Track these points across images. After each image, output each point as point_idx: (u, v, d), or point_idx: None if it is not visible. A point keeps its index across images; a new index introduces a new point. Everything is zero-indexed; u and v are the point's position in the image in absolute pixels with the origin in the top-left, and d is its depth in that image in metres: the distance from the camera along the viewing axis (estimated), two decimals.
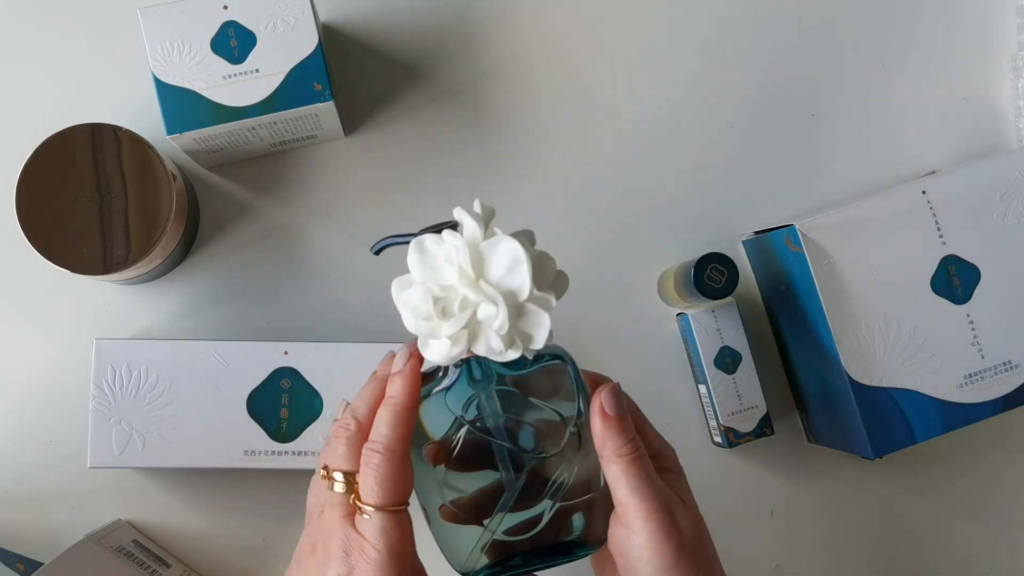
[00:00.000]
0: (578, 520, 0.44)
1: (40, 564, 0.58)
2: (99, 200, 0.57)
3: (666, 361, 0.66)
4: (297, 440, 0.59)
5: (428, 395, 0.44)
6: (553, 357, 0.44)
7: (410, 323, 0.41)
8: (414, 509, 0.44)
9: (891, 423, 0.59)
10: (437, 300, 0.40)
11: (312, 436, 0.59)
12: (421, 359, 0.43)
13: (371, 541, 0.41)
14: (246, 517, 0.64)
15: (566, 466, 0.44)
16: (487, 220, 0.41)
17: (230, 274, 0.65)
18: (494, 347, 0.40)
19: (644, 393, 0.49)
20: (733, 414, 0.63)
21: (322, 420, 0.60)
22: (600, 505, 0.45)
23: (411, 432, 0.43)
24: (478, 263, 0.40)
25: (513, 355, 0.41)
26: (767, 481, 0.66)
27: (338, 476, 0.43)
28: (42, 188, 0.57)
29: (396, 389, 0.43)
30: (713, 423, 0.65)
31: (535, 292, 0.40)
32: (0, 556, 0.60)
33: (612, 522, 0.44)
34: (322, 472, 0.44)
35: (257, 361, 0.60)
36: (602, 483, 0.44)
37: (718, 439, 0.64)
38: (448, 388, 0.43)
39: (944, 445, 0.66)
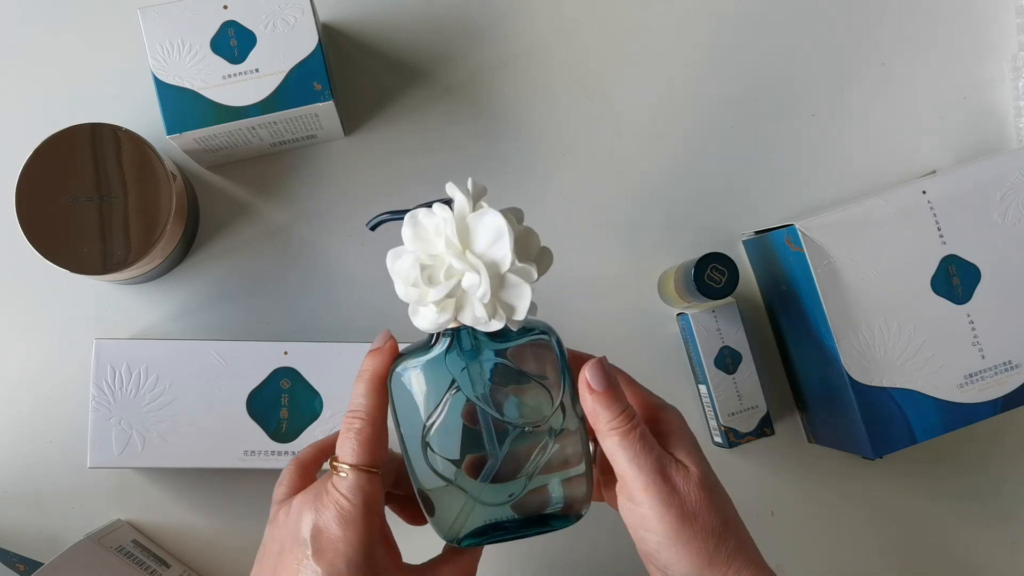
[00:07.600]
0: (556, 492, 0.45)
1: (40, 564, 0.58)
2: (99, 200, 0.57)
3: (666, 361, 0.66)
4: (297, 440, 0.59)
5: (419, 364, 0.45)
6: (539, 332, 0.45)
7: (401, 290, 0.43)
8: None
9: (891, 423, 0.59)
10: (424, 268, 0.42)
11: (312, 436, 0.59)
12: (396, 346, 0.46)
13: (345, 495, 0.43)
14: (246, 517, 0.64)
15: (548, 438, 0.45)
16: (477, 196, 0.44)
17: (230, 274, 0.65)
18: (478, 316, 0.42)
19: None
20: (733, 414, 0.63)
21: (322, 420, 0.60)
22: (580, 479, 0.45)
23: (386, 400, 0.45)
24: (464, 234, 0.43)
25: (496, 325, 0.43)
26: (767, 481, 0.66)
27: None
28: (42, 188, 0.57)
29: (370, 363, 0.45)
30: (713, 423, 0.65)
31: (516, 263, 0.42)
32: (0, 556, 0.60)
33: (618, 494, 0.45)
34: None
35: (257, 361, 0.60)
36: (583, 459, 0.45)
37: (718, 439, 0.64)
38: (437, 356, 0.44)
39: (944, 445, 0.66)
